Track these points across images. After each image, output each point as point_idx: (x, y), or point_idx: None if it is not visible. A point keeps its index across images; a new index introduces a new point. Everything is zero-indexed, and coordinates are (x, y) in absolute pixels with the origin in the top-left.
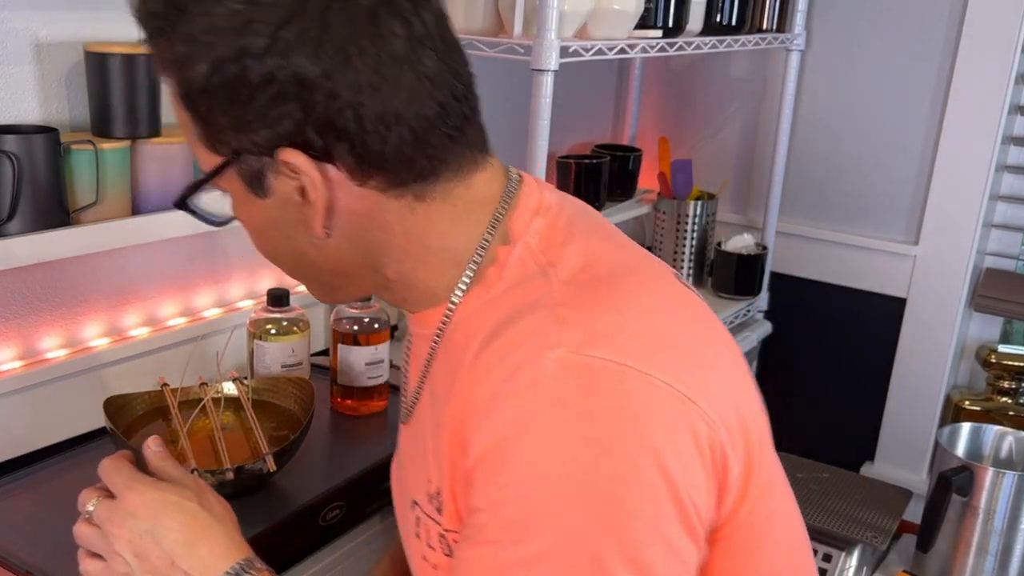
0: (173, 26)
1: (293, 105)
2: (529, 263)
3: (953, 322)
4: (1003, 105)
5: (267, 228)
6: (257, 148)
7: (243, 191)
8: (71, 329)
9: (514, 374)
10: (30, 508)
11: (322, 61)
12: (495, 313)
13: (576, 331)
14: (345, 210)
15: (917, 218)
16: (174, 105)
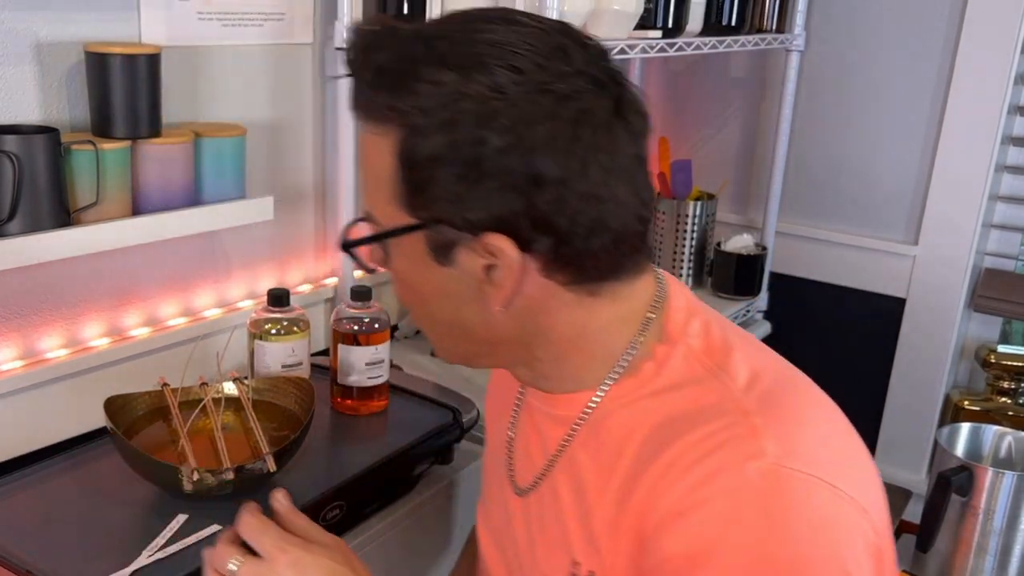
0: (404, 87)
1: (519, 198)
2: (695, 365)
3: (953, 322)
4: (1002, 105)
5: (434, 294)
6: (463, 224)
7: (423, 255)
8: (71, 329)
9: (713, 478)
10: (30, 508)
11: (563, 166)
12: (661, 409)
13: (773, 443)
14: (523, 294)
15: (917, 218)
16: (373, 153)
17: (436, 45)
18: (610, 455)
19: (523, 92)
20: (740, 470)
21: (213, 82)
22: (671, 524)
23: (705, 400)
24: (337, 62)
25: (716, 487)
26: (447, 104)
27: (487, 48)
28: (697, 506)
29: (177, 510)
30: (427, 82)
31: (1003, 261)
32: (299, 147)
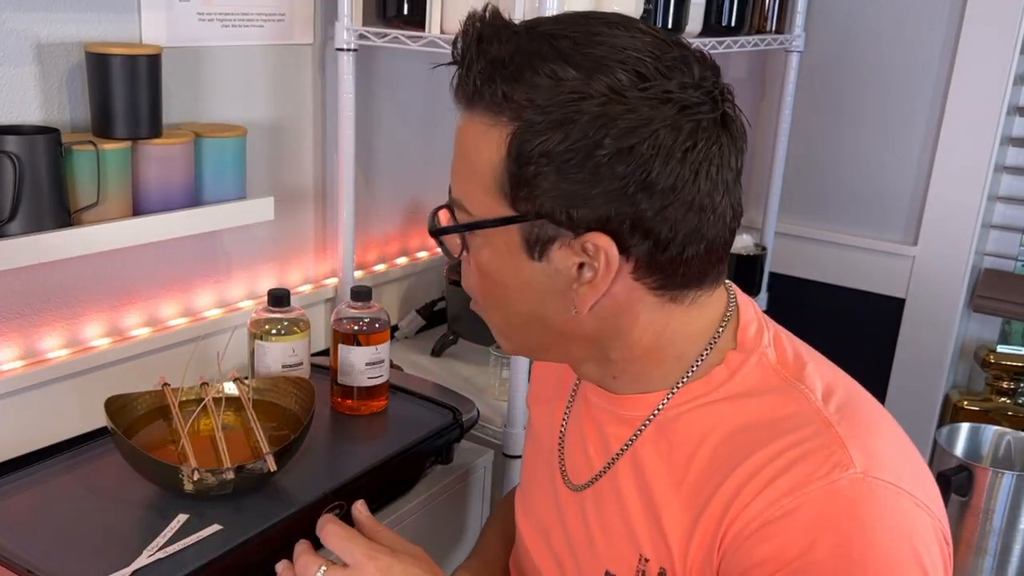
0: (523, 79)
1: (626, 201)
2: (771, 375)
3: (952, 322)
4: (1002, 106)
5: (519, 287)
6: (567, 222)
7: (515, 248)
8: (72, 329)
9: (804, 486)
10: (30, 508)
11: (677, 175)
12: (736, 415)
13: (859, 453)
14: (611, 295)
15: (916, 219)
16: (478, 142)
17: (558, 43)
18: (681, 457)
19: (644, 98)
20: (830, 479)
21: (213, 82)
22: (761, 531)
23: (785, 409)
24: (338, 63)
25: (807, 495)
26: (567, 102)
27: (611, 51)
28: (789, 513)
29: (177, 510)
30: (548, 76)
31: (1002, 261)
32: (299, 147)
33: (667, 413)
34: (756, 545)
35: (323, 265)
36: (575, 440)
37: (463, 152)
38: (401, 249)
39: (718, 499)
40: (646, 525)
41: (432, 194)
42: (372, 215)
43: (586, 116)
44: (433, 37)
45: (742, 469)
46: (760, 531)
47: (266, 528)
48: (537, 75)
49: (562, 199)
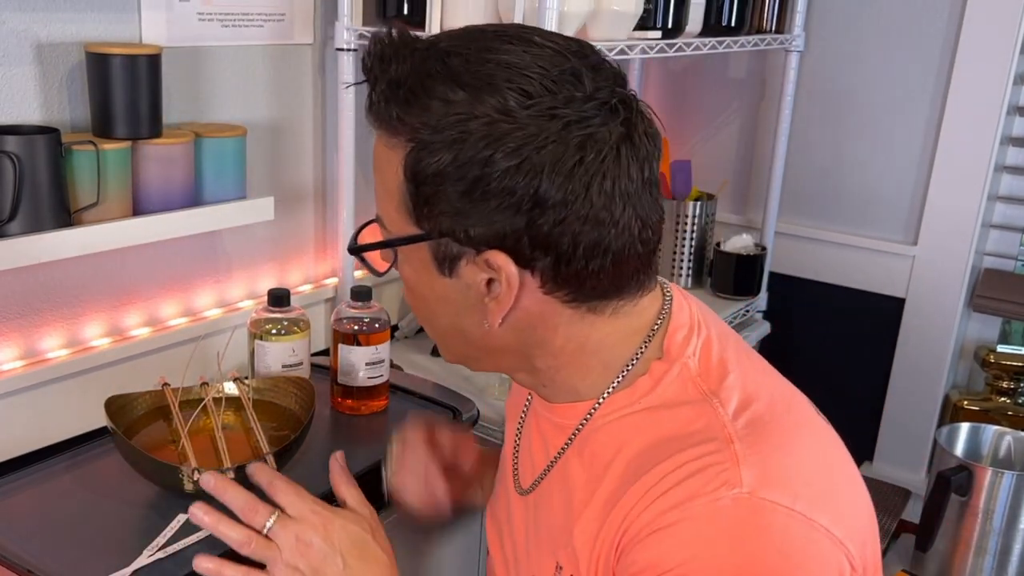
0: (415, 102)
1: (520, 218)
2: (689, 387)
3: (952, 322)
4: (1002, 105)
5: (436, 301)
6: (466, 239)
7: (427, 264)
8: (72, 329)
9: (689, 501)
10: (30, 508)
11: (566, 189)
12: (651, 428)
13: (753, 472)
14: (522, 309)
15: (916, 218)
16: (383, 162)
17: (450, 62)
18: (599, 467)
19: (530, 116)
20: (714, 497)
21: (213, 82)
22: (645, 539)
23: (694, 424)
24: (338, 63)
25: (690, 510)
26: (456, 123)
27: (499, 69)
28: (671, 526)
29: (177, 510)
30: (439, 99)
31: (1002, 261)
32: (299, 147)
33: (593, 423)
34: (641, 551)
35: (323, 265)
36: (526, 445)
37: (376, 170)
38: None
39: (620, 510)
40: (564, 533)
41: None
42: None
43: (474, 136)
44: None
45: (643, 481)
46: (646, 539)
47: None
48: (430, 98)
49: (459, 217)
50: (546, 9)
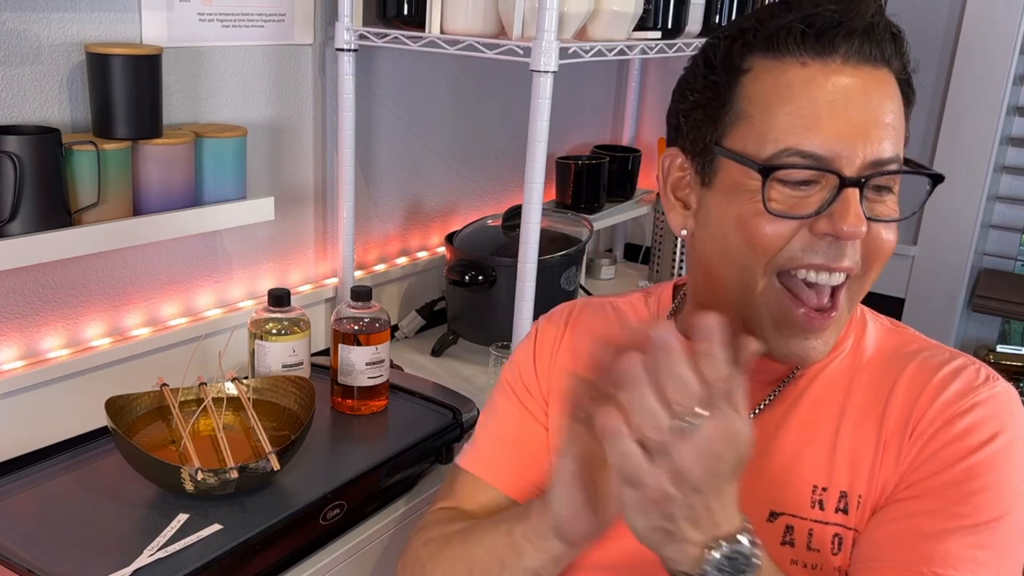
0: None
1: None
2: (874, 323)
3: (951, 322)
4: (1002, 106)
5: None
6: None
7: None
8: (72, 329)
9: (974, 391)
10: (30, 508)
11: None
12: (875, 356)
13: (989, 371)
14: None
15: (915, 218)
16: (902, 112)
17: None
18: (837, 396)
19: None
20: (991, 386)
21: (214, 83)
22: (945, 426)
23: (912, 344)
24: (338, 63)
25: (979, 396)
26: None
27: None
28: (968, 410)
29: (178, 509)
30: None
31: (1002, 261)
32: (299, 147)
33: (811, 368)
34: (941, 440)
35: (323, 265)
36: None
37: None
38: (401, 249)
39: (891, 415)
40: (816, 458)
41: (432, 194)
42: (372, 215)
43: None
44: (433, 37)
45: (903, 383)
46: (944, 428)
47: (266, 528)
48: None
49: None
50: (546, 9)
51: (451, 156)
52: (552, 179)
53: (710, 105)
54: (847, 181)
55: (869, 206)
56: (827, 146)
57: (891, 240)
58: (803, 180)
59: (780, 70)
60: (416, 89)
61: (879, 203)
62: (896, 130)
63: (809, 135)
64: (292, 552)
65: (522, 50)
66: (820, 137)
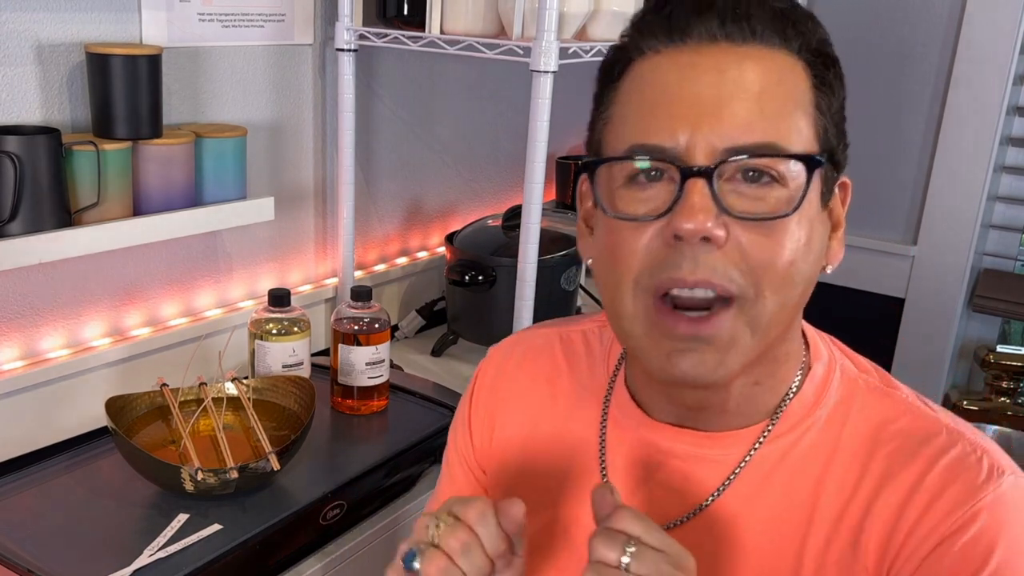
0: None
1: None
2: (859, 388)
3: (951, 322)
4: (1002, 106)
5: (811, 243)
6: (842, 160)
7: (817, 193)
8: (72, 329)
9: (974, 496)
10: (30, 508)
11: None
12: (849, 439)
13: (997, 454)
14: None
15: (915, 218)
16: (786, 77)
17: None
18: (800, 493)
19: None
20: (996, 485)
21: (213, 82)
22: (941, 546)
23: (898, 423)
24: (338, 63)
25: (982, 504)
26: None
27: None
28: (967, 524)
29: (178, 510)
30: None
31: (1002, 261)
32: (299, 147)
33: (771, 447)
34: (936, 562)
35: (323, 265)
36: (627, 481)
37: (779, 83)
38: (401, 249)
39: (873, 526)
40: (774, 564)
41: (432, 194)
42: (372, 215)
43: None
44: (433, 37)
45: (893, 488)
46: (939, 547)
47: (266, 528)
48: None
49: (841, 139)
50: (546, 9)
51: (451, 156)
52: (552, 179)
53: (595, 122)
54: (687, 171)
55: (740, 202)
56: (671, 135)
57: (775, 248)
58: (648, 179)
59: (639, 67)
60: (416, 89)
61: (755, 199)
62: (772, 112)
63: (652, 126)
64: (292, 552)
65: (522, 50)
66: (663, 126)
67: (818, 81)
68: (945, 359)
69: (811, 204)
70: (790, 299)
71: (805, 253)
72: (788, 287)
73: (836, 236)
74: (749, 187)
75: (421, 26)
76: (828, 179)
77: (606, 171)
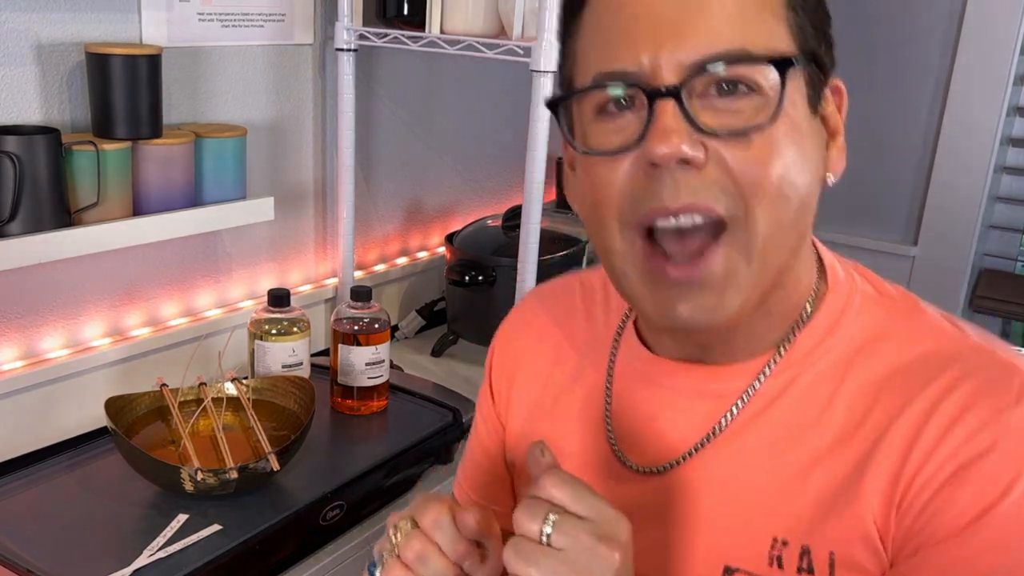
0: None
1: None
2: (880, 312)
3: None
4: (1002, 106)
5: (806, 153)
6: (828, 61)
7: (803, 98)
8: (72, 329)
9: (996, 418)
10: (30, 508)
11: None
12: (867, 365)
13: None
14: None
15: (916, 219)
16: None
17: None
18: (808, 418)
19: None
20: (1021, 406)
21: (213, 82)
22: (959, 474)
23: (920, 346)
24: (338, 63)
25: (1003, 425)
26: None
27: None
28: (988, 450)
29: (177, 510)
30: None
31: (1002, 262)
32: (299, 147)
33: (778, 377)
34: (954, 491)
35: (323, 265)
36: (632, 419)
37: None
38: (401, 249)
39: (885, 451)
40: (776, 503)
41: (432, 194)
42: (372, 215)
43: None
44: (433, 37)
45: (909, 414)
46: (957, 475)
47: (266, 528)
48: None
49: (821, 38)
50: (546, 9)
51: (451, 156)
52: (552, 179)
53: (561, 60)
54: (654, 92)
55: (715, 118)
56: (634, 59)
57: (760, 160)
58: (618, 108)
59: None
60: (416, 89)
61: (731, 113)
62: (737, 18)
63: (614, 52)
64: (292, 552)
65: (522, 50)
66: (625, 51)
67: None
68: None
69: (796, 110)
70: (785, 216)
71: (797, 164)
72: (781, 203)
73: (835, 144)
74: (723, 100)
75: (421, 26)
76: (814, 82)
77: (576, 107)
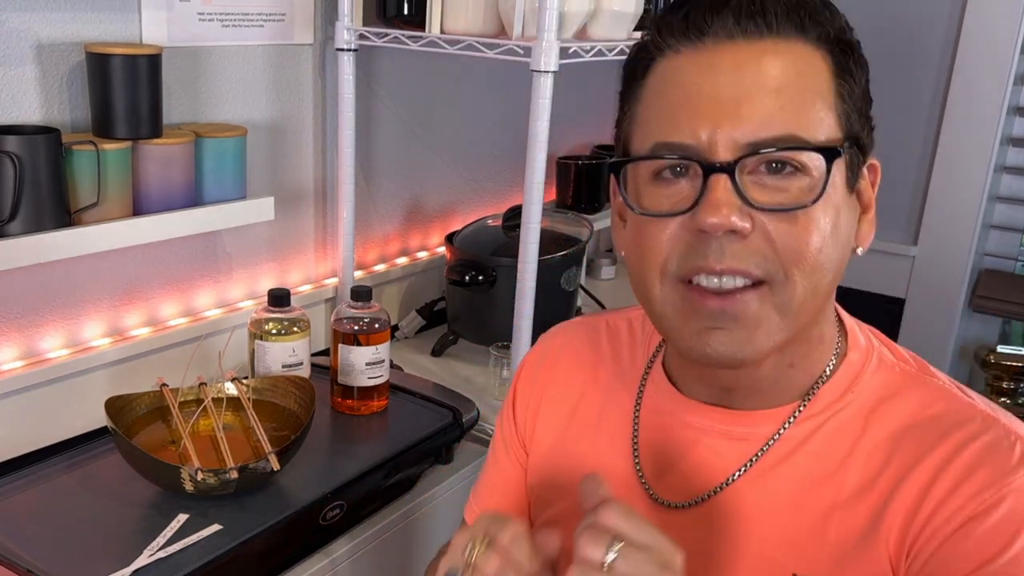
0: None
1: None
2: (896, 375)
3: (952, 323)
4: (1002, 106)
5: (838, 228)
6: (868, 143)
7: (843, 179)
8: (72, 329)
9: (1004, 479)
10: (30, 508)
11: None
12: (881, 422)
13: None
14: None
15: (916, 219)
16: (803, 68)
17: None
18: (830, 466)
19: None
20: (1021, 471)
21: (213, 82)
22: (965, 527)
23: (933, 408)
24: (338, 63)
25: (1010, 486)
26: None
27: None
28: (994, 507)
29: (177, 510)
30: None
31: (1002, 262)
32: (299, 147)
33: (800, 426)
34: (958, 543)
35: (323, 265)
36: (661, 458)
37: (799, 74)
38: (401, 249)
39: (900, 501)
40: (797, 544)
41: (432, 194)
42: (372, 215)
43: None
44: (433, 37)
45: (922, 469)
46: (963, 528)
47: (266, 528)
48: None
49: (864, 119)
50: (546, 9)
51: (451, 156)
52: (552, 179)
53: (621, 120)
54: (709, 167)
55: (763, 194)
56: (693, 133)
57: (802, 235)
58: (673, 175)
59: (660, 66)
60: (416, 89)
61: (778, 191)
62: (791, 105)
63: (674, 125)
64: (292, 552)
65: (522, 50)
66: (685, 125)
67: (839, 69)
68: (945, 359)
69: (836, 190)
70: (820, 284)
71: (833, 238)
72: (817, 272)
73: (866, 218)
74: (772, 178)
75: (421, 26)
76: (854, 164)
77: (633, 169)
